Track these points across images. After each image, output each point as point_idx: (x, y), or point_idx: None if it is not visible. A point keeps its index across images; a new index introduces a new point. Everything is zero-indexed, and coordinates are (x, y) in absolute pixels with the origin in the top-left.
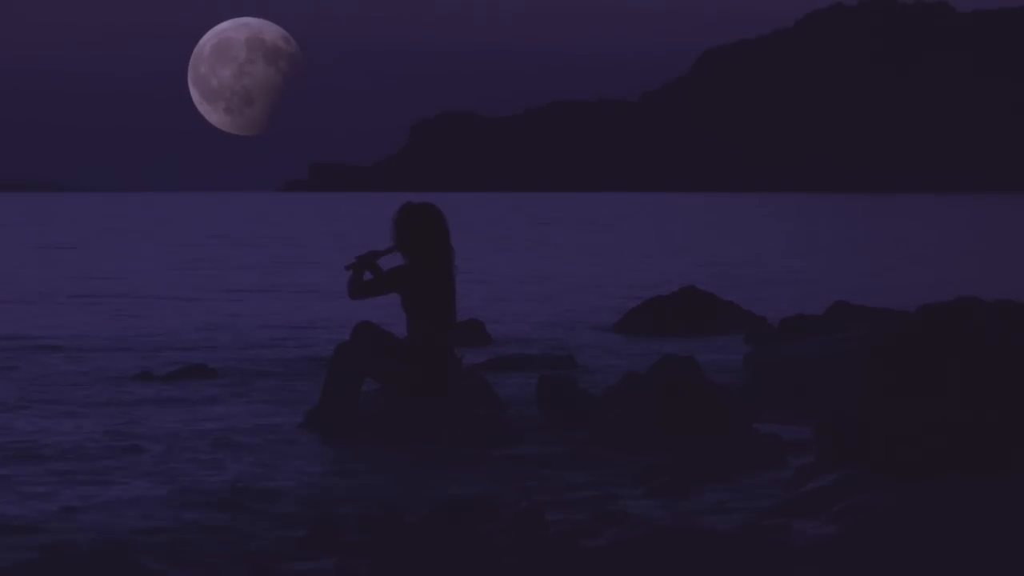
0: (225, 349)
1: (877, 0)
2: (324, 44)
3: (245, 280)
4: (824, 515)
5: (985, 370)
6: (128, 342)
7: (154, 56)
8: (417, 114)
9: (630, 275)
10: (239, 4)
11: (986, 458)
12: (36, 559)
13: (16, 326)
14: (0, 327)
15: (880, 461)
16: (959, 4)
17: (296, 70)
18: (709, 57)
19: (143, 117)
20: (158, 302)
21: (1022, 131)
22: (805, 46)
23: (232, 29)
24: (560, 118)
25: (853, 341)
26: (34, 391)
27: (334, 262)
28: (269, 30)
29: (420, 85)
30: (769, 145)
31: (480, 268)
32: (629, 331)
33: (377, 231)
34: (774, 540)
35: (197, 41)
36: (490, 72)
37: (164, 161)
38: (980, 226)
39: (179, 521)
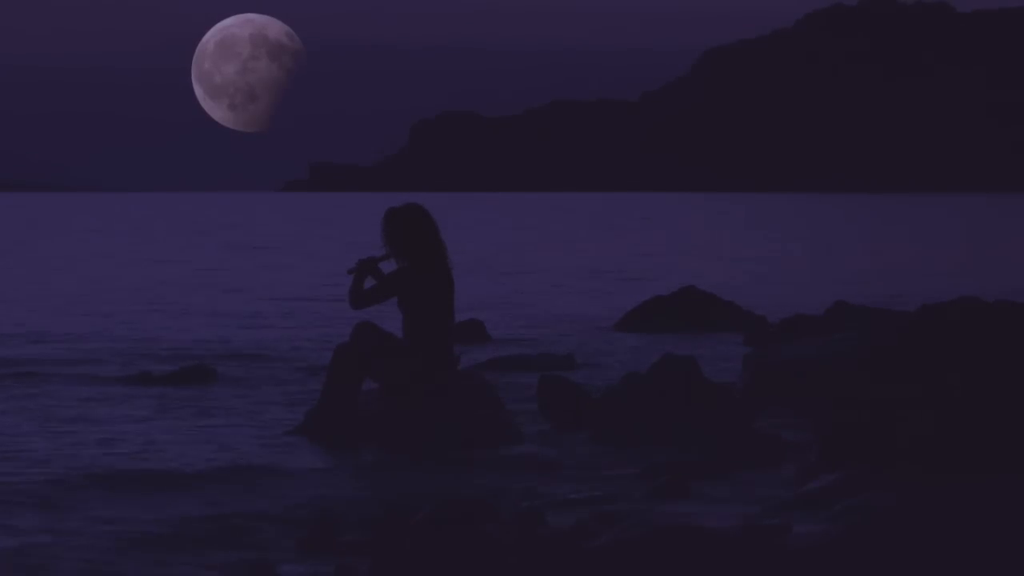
0: (225, 350)
1: (877, 0)
2: (325, 43)
3: (245, 281)
4: (824, 515)
5: (985, 370)
6: (127, 343)
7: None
8: (417, 114)
9: (630, 274)
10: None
11: (987, 458)
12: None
13: (16, 326)
14: (1, 327)
15: (880, 461)
16: (959, 4)
17: (300, 67)
18: (709, 57)
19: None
20: (158, 303)
21: (1021, 131)
22: (805, 46)
23: (236, 25)
24: (560, 118)
25: (853, 341)
26: (34, 390)
27: (333, 262)
28: (273, 26)
29: (420, 85)
30: (769, 145)
31: (480, 268)
32: (629, 331)
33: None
34: (774, 540)
35: (200, 37)
36: (490, 72)
37: (163, 161)
38: (980, 226)
39: (179, 522)
